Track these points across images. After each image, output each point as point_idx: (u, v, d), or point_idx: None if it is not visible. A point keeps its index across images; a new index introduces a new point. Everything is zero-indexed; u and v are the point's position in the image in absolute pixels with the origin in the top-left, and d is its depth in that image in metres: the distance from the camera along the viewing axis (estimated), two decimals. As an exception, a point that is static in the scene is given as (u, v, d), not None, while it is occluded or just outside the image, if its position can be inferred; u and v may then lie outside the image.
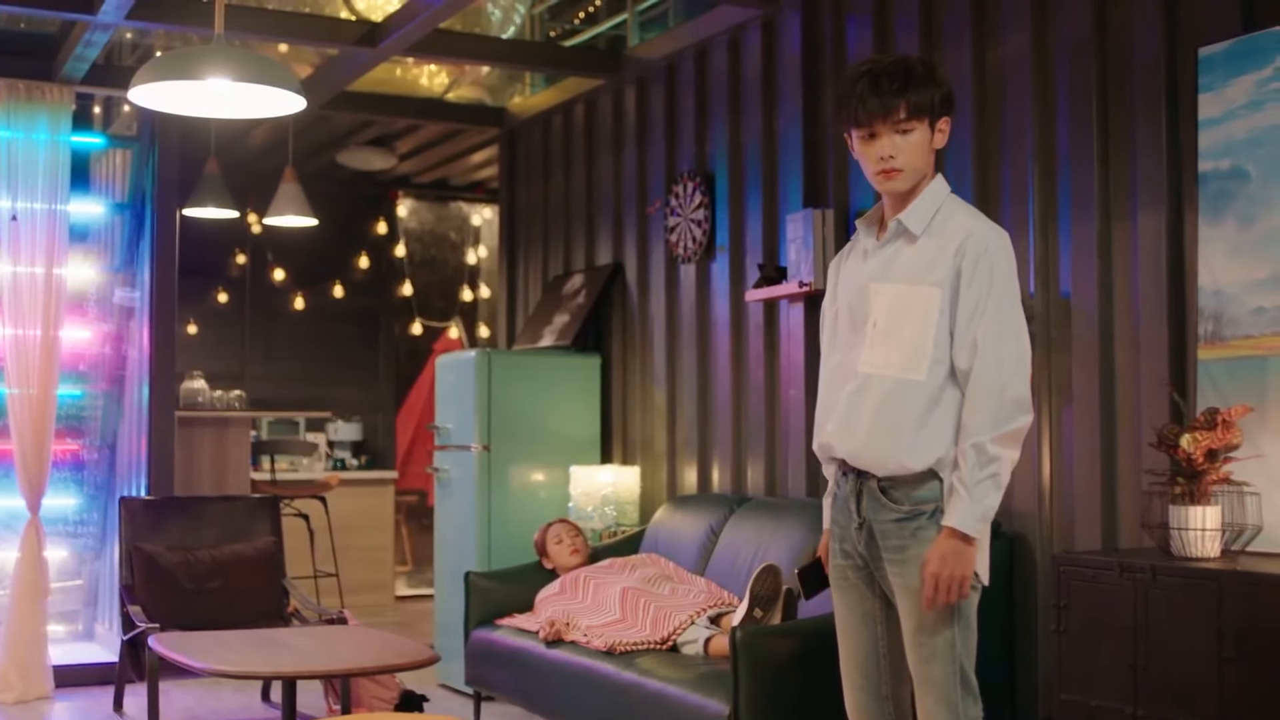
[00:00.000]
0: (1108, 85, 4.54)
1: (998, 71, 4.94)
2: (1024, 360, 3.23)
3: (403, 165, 10.33)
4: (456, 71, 7.98)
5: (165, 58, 4.61)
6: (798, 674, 4.27)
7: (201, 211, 8.44)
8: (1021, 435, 3.22)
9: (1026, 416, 3.21)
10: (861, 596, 3.45)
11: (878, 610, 3.44)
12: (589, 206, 7.35)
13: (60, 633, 7.45)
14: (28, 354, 6.72)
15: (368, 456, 10.73)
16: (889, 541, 3.31)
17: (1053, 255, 4.69)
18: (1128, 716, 3.81)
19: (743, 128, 6.17)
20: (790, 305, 5.78)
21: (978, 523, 3.20)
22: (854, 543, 3.40)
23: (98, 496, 7.57)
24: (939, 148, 3.36)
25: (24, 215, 6.76)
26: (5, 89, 6.77)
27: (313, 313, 10.87)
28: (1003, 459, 3.19)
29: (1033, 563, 4.67)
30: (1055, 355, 4.66)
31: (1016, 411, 3.19)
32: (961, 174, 5.02)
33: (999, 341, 3.20)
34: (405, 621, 8.78)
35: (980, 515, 3.19)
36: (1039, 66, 4.76)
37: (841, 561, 3.46)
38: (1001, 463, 3.19)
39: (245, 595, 6.51)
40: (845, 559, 3.46)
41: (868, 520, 3.35)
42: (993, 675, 4.62)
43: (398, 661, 4.95)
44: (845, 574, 3.46)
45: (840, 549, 3.47)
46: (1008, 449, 3.20)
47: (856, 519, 3.37)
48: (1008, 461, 3.20)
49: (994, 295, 3.22)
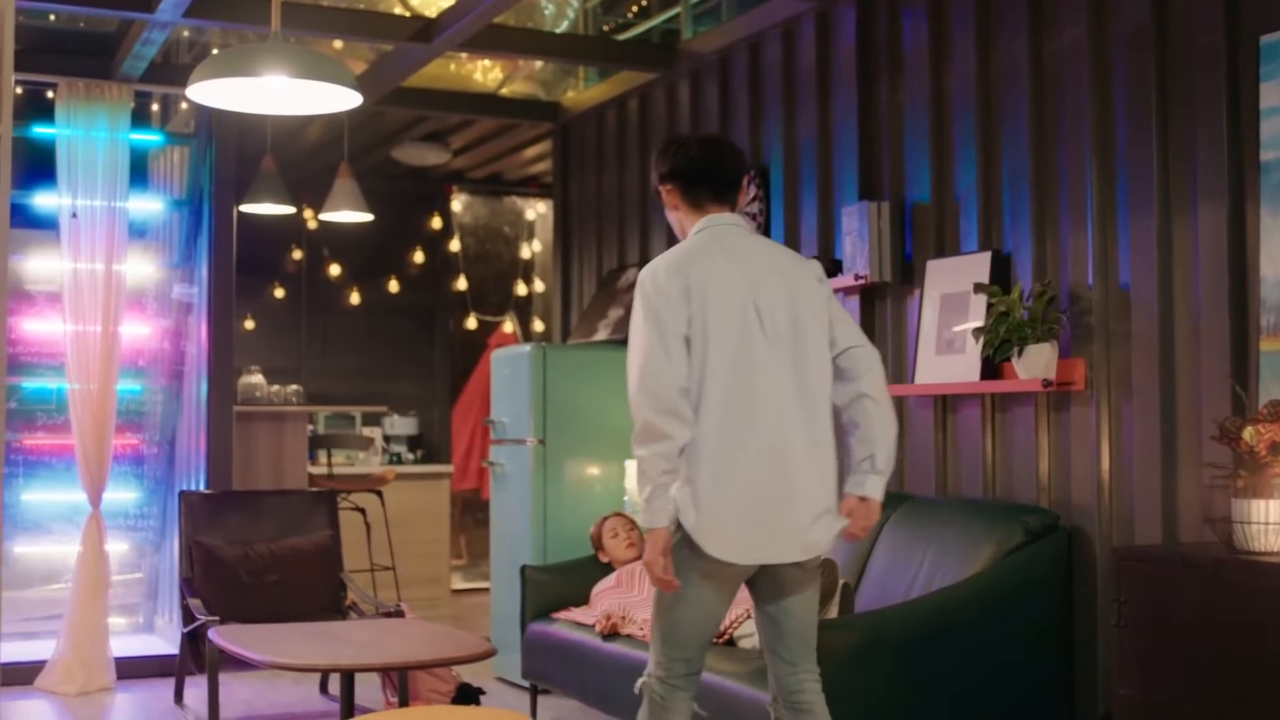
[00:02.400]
0: (1167, 75, 4.49)
1: (1054, 63, 4.90)
2: (639, 390, 3.57)
3: (457, 160, 10.36)
4: (510, 66, 8.00)
5: (222, 55, 4.64)
6: (855, 667, 4.25)
7: (258, 208, 8.50)
8: (649, 462, 3.52)
9: (649, 444, 3.53)
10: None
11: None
12: (643, 200, 7.34)
13: (121, 625, 7.53)
14: (88, 350, 6.79)
15: (423, 451, 10.78)
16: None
17: (1111, 248, 4.65)
18: (1189, 712, 3.77)
19: (797, 121, 6.15)
20: (846, 298, 5.76)
21: (644, 521, 3.58)
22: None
23: (157, 490, 7.64)
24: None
25: (84, 212, 6.83)
26: (65, 88, 6.84)
27: (368, 308, 10.92)
28: (642, 471, 3.55)
29: (1092, 557, 4.64)
30: (1114, 349, 4.62)
31: (642, 434, 3.56)
32: (1018, 167, 4.99)
33: (630, 369, 3.63)
34: (461, 615, 8.82)
35: (643, 513, 3.57)
36: (1096, 57, 4.72)
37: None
38: (642, 472, 3.55)
39: (303, 589, 6.56)
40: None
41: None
42: (1051, 670, 4.60)
43: (454, 655, 4.97)
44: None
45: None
46: (642, 465, 3.55)
47: None
48: (645, 472, 3.54)
49: (632, 325, 3.65)
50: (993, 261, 5.02)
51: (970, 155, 5.21)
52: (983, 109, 5.18)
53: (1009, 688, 4.51)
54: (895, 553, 4.95)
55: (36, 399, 7.33)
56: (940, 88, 5.39)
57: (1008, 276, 4.99)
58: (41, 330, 7.25)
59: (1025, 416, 4.93)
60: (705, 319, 3.57)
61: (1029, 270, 4.92)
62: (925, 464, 5.36)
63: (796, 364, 3.62)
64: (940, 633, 4.42)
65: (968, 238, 5.21)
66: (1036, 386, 4.69)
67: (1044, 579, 4.60)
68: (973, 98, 5.21)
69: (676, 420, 3.52)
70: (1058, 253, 4.85)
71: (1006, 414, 5.02)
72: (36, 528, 7.30)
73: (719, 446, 3.54)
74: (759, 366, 3.58)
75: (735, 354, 3.57)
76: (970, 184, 5.21)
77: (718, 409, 3.55)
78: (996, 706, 4.48)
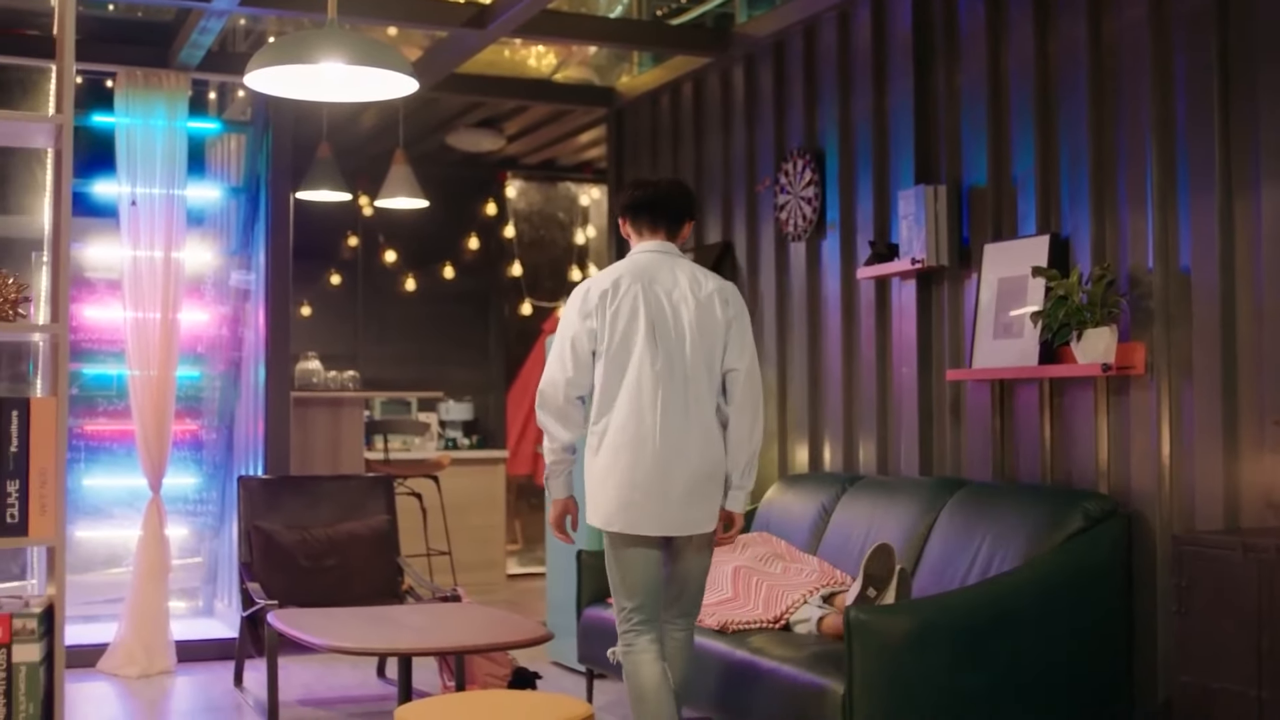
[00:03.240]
0: (1228, 54, 4.44)
1: (1114, 43, 4.85)
2: (538, 396, 4.39)
3: (511, 146, 10.38)
4: (564, 52, 8.00)
5: (279, 43, 4.67)
6: (912, 653, 4.24)
7: (314, 194, 8.56)
8: (547, 452, 4.40)
9: (545, 439, 4.40)
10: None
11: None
12: (698, 185, 7.33)
13: (181, 609, 7.61)
14: (148, 337, 6.85)
15: (478, 436, 10.82)
16: None
17: (1172, 229, 4.60)
18: (1251, 699, 3.74)
19: (853, 104, 6.12)
20: (902, 283, 5.73)
21: (548, 493, 4.49)
22: None
23: (216, 475, 7.71)
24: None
25: (143, 200, 6.89)
26: (124, 77, 6.90)
27: (424, 294, 10.97)
28: (546, 455, 4.43)
29: (1152, 543, 4.60)
30: (1174, 331, 4.57)
31: (542, 430, 4.43)
32: (1077, 149, 4.94)
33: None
34: (516, 600, 8.85)
35: (547, 488, 4.50)
36: (1156, 37, 4.67)
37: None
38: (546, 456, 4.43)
39: (360, 573, 6.61)
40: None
41: None
42: (1110, 657, 4.57)
43: (512, 639, 5.00)
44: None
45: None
46: (545, 452, 4.43)
47: None
48: (546, 457, 4.42)
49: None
50: (1051, 245, 4.97)
51: (1028, 137, 5.17)
52: (1041, 91, 5.14)
53: (1067, 675, 4.48)
54: (952, 538, 4.93)
55: (98, 385, 7.42)
56: (998, 70, 5.35)
57: (1066, 260, 4.95)
58: (102, 317, 7.34)
59: (1084, 401, 4.89)
60: (604, 329, 4.27)
61: (1088, 253, 4.87)
62: (982, 449, 5.32)
63: (673, 368, 4.23)
64: (998, 619, 4.39)
65: (1026, 221, 5.18)
66: (1096, 371, 4.65)
67: (1103, 565, 4.57)
68: (1031, 79, 5.17)
69: (562, 423, 4.33)
70: (1117, 235, 4.80)
71: (1065, 398, 4.98)
72: (98, 512, 7.40)
73: (607, 440, 4.26)
74: (644, 373, 4.22)
75: (619, 358, 4.26)
76: (1028, 166, 5.17)
77: (606, 406, 4.27)
78: (1054, 694, 4.46)
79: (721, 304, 4.31)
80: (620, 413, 4.24)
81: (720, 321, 4.29)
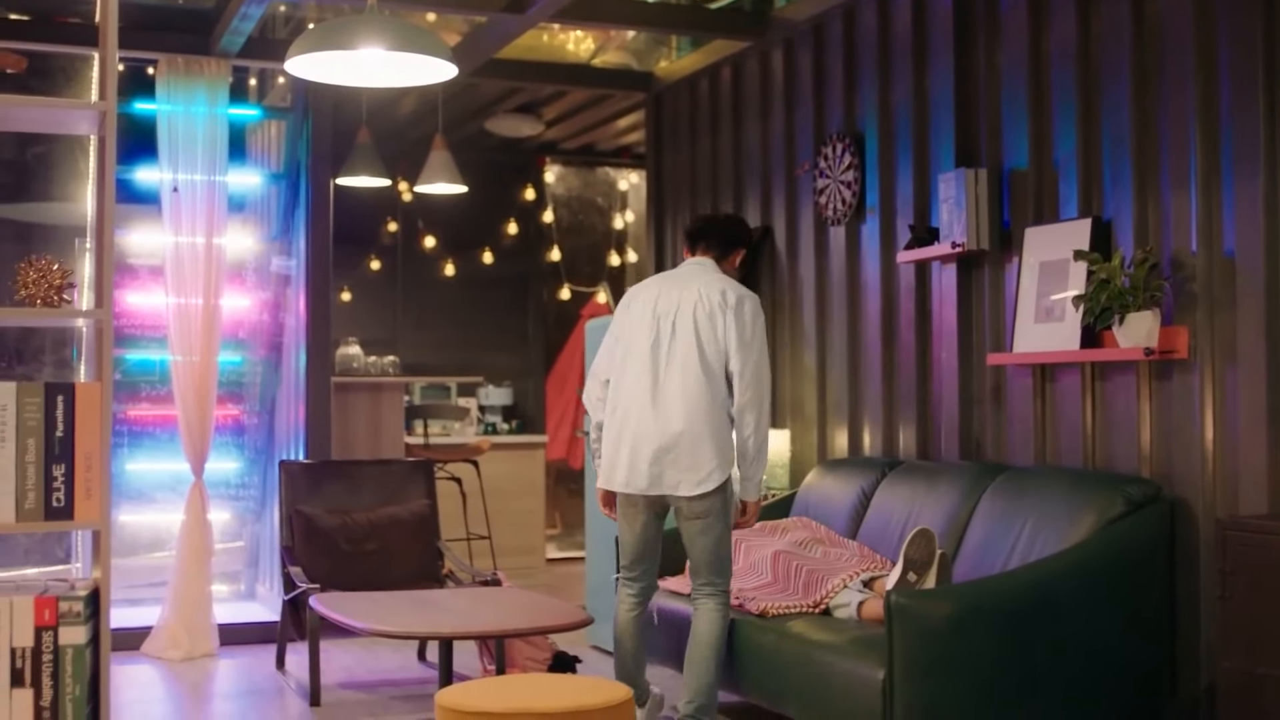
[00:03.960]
0: (1274, 33, 4.39)
1: (1157, 22, 4.80)
2: (588, 374, 5.21)
3: (550, 131, 10.38)
4: (603, 37, 7.99)
5: (319, 29, 4.68)
6: (953, 638, 4.23)
7: (354, 180, 8.58)
8: (592, 425, 5.11)
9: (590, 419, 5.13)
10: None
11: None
12: (736, 169, 7.32)
13: (223, 592, 7.67)
14: (190, 322, 6.89)
15: (518, 421, 10.85)
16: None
17: (1216, 212, 4.56)
18: (1296, 685, 3.71)
19: (892, 87, 6.09)
20: (942, 266, 5.71)
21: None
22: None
23: (257, 460, 7.76)
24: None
25: (184, 187, 6.92)
26: (165, 64, 6.93)
27: (463, 279, 11.00)
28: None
29: (1195, 527, 4.57)
30: (1218, 315, 4.53)
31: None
32: (1119, 131, 4.90)
33: None
34: (555, 584, 8.88)
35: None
36: (1200, 17, 4.62)
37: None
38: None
39: (401, 557, 6.64)
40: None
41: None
42: (1152, 642, 4.54)
43: (552, 623, 5.01)
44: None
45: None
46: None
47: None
48: (590, 429, 5.16)
49: None
50: (1093, 228, 4.94)
51: (1070, 119, 5.14)
52: (1083, 72, 5.10)
53: (1109, 659, 4.46)
54: (993, 522, 4.91)
55: (140, 371, 7.48)
56: (1039, 51, 5.31)
57: (1108, 243, 4.91)
58: (145, 303, 7.39)
59: (1126, 385, 4.86)
60: (626, 320, 4.99)
61: (1130, 237, 4.84)
62: (1024, 433, 5.30)
63: (671, 353, 4.82)
64: (1039, 603, 4.37)
65: (1067, 204, 5.14)
66: (1138, 355, 4.62)
67: (1146, 549, 4.54)
68: (1072, 60, 5.13)
69: (594, 403, 5.06)
70: (1160, 218, 4.76)
71: (1107, 383, 4.95)
72: (141, 497, 7.46)
73: (609, 407, 4.97)
74: (640, 354, 4.88)
75: (630, 346, 4.93)
76: (1070, 149, 5.13)
77: (616, 381, 4.96)
78: (1096, 679, 4.44)
79: (724, 310, 4.83)
80: (621, 385, 4.93)
81: (723, 325, 4.82)
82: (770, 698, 4.89)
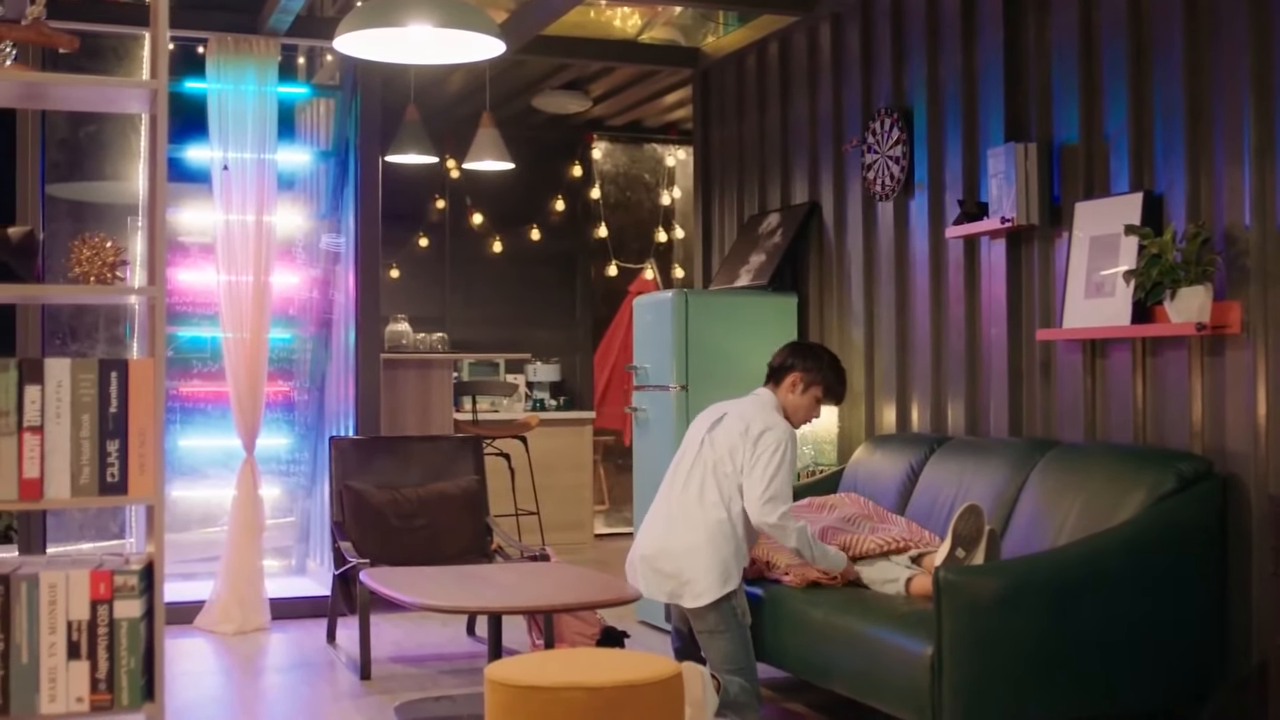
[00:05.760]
0: (1330, 6, 4.34)
1: (1210, -5, 4.75)
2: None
3: (597, 108, 10.38)
4: (649, 13, 7.97)
5: (368, 6, 4.70)
6: (1001, 614, 4.22)
7: (402, 158, 8.61)
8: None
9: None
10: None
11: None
12: (784, 145, 7.29)
13: (275, 567, 7.74)
14: (241, 299, 6.95)
15: (565, 397, 10.88)
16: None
17: (1270, 187, 4.51)
18: (1349, 662, 3.68)
19: (941, 61, 6.05)
20: (991, 242, 5.67)
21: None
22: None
23: (308, 436, 7.82)
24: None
25: (235, 165, 6.97)
26: (215, 43, 6.98)
27: (511, 256, 11.02)
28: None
29: (1247, 504, 4.53)
30: (1271, 290, 4.48)
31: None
32: (1171, 104, 4.85)
33: None
34: (603, 559, 8.90)
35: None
36: (1255, -11, 4.57)
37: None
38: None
39: (450, 532, 6.68)
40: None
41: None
42: (1203, 619, 4.52)
43: (599, 598, 5.03)
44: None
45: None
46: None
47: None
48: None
49: None
50: (1144, 202, 4.90)
51: (1121, 93, 5.09)
52: (1134, 44, 5.05)
53: (1159, 636, 4.44)
54: (1043, 498, 4.89)
55: (192, 348, 7.55)
56: (1089, 23, 5.26)
57: (1160, 218, 4.87)
58: (196, 281, 7.45)
59: (1178, 361, 4.82)
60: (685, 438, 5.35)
61: (1182, 211, 4.79)
62: (1074, 409, 5.27)
63: (690, 472, 5.11)
64: (1088, 580, 4.36)
65: (1118, 178, 5.10)
66: (1190, 330, 4.59)
67: (1197, 526, 4.51)
68: (1123, 33, 5.08)
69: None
70: (1212, 193, 4.72)
71: (1158, 358, 4.92)
72: (193, 473, 7.54)
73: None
74: (673, 466, 5.26)
75: (675, 461, 5.28)
76: (1120, 122, 5.09)
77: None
78: (1145, 656, 4.42)
79: (744, 439, 5.03)
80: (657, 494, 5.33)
81: (741, 454, 5.03)
82: (817, 673, 4.89)
